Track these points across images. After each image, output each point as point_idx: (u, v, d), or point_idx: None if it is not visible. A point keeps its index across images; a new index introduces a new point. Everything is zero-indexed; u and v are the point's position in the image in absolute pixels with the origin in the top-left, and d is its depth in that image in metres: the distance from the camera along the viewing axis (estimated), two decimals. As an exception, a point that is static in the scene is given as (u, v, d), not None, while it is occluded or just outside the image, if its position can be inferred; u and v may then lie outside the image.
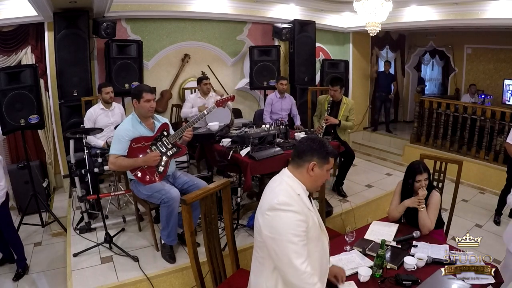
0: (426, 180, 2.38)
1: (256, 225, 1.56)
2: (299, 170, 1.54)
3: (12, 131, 3.65)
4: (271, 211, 1.45)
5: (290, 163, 1.59)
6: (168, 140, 2.74)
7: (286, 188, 1.51)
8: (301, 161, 1.53)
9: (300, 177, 1.54)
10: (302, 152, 1.53)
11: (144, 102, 2.58)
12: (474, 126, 5.29)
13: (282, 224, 1.43)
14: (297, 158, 1.54)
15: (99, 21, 4.30)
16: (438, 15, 5.43)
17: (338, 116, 3.97)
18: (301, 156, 1.53)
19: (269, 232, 1.45)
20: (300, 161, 1.53)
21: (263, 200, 1.56)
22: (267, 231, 1.46)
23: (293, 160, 1.57)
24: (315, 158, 1.52)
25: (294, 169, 1.56)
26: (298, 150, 1.56)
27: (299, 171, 1.54)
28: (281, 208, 1.44)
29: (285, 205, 1.45)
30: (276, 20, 5.77)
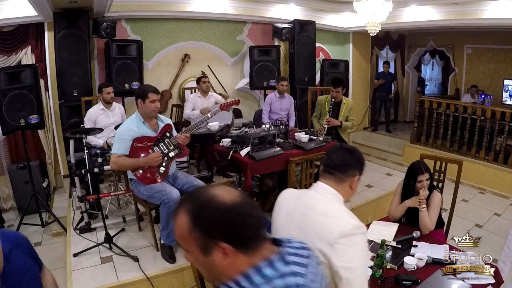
0: (427, 180, 2.38)
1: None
2: (341, 185, 1.41)
3: (12, 131, 3.64)
4: (346, 238, 1.25)
5: (327, 177, 1.42)
6: (171, 141, 2.73)
7: (343, 208, 1.37)
8: (344, 175, 1.41)
9: (341, 192, 1.42)
10: (346, 166, 1.41)
11: (150, 102, 2.57)
12: (474, 126, 5.28)
13: (359, 250, 1.28)
14: (340, 172, 1.41)
15: (99, 21, 4.30)
16: (438, 15, 5.43)
17: (339, 116, 3.98)
18: (344, 170, 1.41)
19: (346, 262, 1.25)
20: (344, 175, 1.41)
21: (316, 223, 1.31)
22: (341, 261, 1.25)
23: (332, 174, 1.41)
24: (357, 171, 1.44)
25: (335, 184, 1.41)
26: (339, 163, 1.42)
27: (342, 186, 1.42)
28: (357, 233, 1.27)
29: (359, 228, 1.29)
30: (276, 20, 5.76)
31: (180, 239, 0.87)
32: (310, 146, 3.30)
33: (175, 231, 0.89)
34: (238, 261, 0.84)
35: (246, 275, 0.83)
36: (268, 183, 3.47)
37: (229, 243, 0.82)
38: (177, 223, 0.86)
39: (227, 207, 0.84)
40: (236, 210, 0.85)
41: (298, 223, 1.35)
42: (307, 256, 0.94)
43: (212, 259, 0.84)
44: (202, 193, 0.89)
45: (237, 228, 0.84)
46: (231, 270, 0.85)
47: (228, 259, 0.84)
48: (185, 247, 0.88)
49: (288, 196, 1.48)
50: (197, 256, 0.86)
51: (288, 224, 1.38)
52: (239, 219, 0.85)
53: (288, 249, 0.92)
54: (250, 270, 0.84)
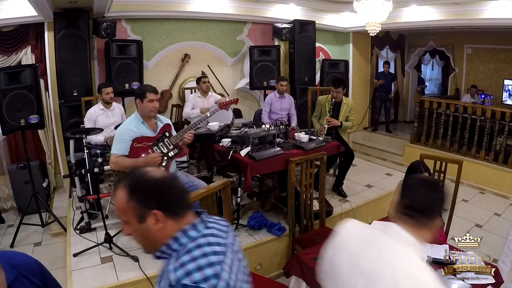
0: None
1: None
2: (422, 230, 1.15)
3: (12, 131, 3.64)
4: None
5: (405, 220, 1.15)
6: (170, 141, 2.73)
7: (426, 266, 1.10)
8: (429, 220, 1.16)
9: (419, 238, 1.14)
10: (434, 210, 1.17)
11: (148, 102, 2.57)
12: (474, 126, 5.28)
13: None
14: (425, 217, 1.15)
15: (99, 21, 4.30)
16: (438, 15, 5.43)
17: (339, 116, 3.98)
18: (431, 214, 1.16)
19: None
20: (429, 220, 1.15)
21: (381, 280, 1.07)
22: None
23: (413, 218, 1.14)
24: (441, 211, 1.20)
25: (415, 230, 1.14)
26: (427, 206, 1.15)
27: (422, 231, 1.15)
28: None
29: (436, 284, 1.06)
30: (276, 20, 5.76)
31: (120, 211, 1.01)
32: (310, 146, 3.30)
33: (116, 206, 1.02)
34: (168, 226, 0.99)
35: (175, 238, 0.99)
36: (268, 183, 3.47)
37: (160, 209, 0.98)
38: (117, 198, 1.01)
39: (157, 180, 1.01)
40: (165, 182, 1.02)
41: (368, 276, 1.11)
42: (226, 225, 1.11)
43: (147, 225, 0.98)
44: (136, 171, 1.05)
45: (166, 197, 1.00)
46: (162, 234, 0.99)
47: (160, 224, 0.98)
48: (124, 218, 1.01)
49: (353, 237, 1.23)
50: (135, 225, 1.00)
51: (352, 273, 1.16)
52: (168, 189, 1.02)
53: (209, 219, 1.09)
54: (178, 233, 0.99)
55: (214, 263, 0.94)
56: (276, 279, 2.79)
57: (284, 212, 3.35)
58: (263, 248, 3.05)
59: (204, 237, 1.00)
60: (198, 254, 0.94)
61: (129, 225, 1.01)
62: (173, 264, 0.94)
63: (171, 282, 0.90)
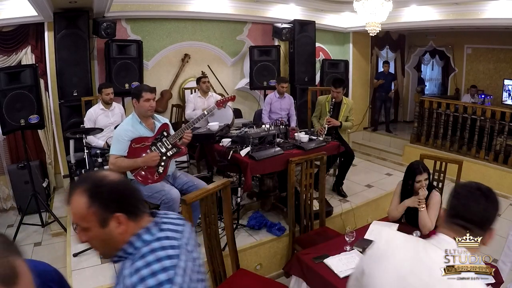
0: (426, 180, 2.39)
1: None
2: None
3: (12, 131, 3.64)
4: None
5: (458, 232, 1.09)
6: (168, 141, 2.74)
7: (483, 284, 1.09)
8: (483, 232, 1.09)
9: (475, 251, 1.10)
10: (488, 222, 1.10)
11: (144, 101, 2.58)
12: (474, 126, 5.28)
13: None
14: (479, 228, 1.08)
15: (99, 21, 4.30)
16: (438, 15, 5.43)
17: (339, 116, 3.98)
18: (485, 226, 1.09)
19: None
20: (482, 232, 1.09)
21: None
22: None
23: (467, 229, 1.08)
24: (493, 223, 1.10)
25: None
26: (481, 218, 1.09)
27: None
28: None
29: None
30: (276, 20, 5.76)
31: (79, 219, 0.98)
32: (310, 146, 3.30)
33: (72, 214, 0.99)
34: (129, 228, 1.00)
35: (130, 242, 1.00)
36: (268, 183, 3.47)
37: (122, 212, 0.99)
38: (75, 205, 0.98)
39: (117, 182, 1.02)
40: (124, 185, 1.04)
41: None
42: (182, 224, 1.13)
43: (109, 229, 0.98)
44: (92, 175, 1.04)
45: (128, 199, 1.02)
46: (124, 238, 1.00)
47: (122, 227, 0.99)
48: (84, 225, 0.98)
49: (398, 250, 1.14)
50: (96, 230, 0.98)
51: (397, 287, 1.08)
52: (128, 191, 1.04)
53: (163, 219, 1.10)
54: (133, 237, 1.00)
55: (168, 267, 0.94)
56: (276, 279, 2.78)
57: (284, 212, 3.36)
58: (263, 248, 3.05)
59: (158, 241, 1.01)
60: (152, 259, 0.95)
61: (89, 231, 0.99)
62: (129, 269, 0.96)
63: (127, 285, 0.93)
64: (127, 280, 0.93)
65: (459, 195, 1.12)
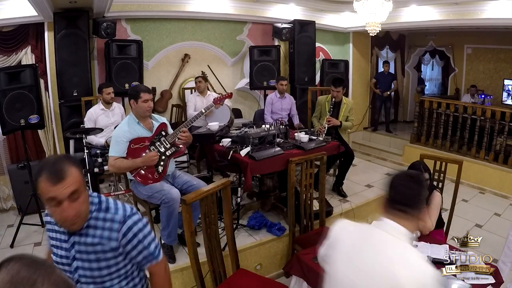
0: (427, 181, 2.39)
1: None
2: (410, 220, 1.25)
3: (12, 131, 3.64)
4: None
5: (394, 214, 1.26)
6: (167, 140, 2.73)
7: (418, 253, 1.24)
8: (416, 211, 1.26)
9: (410, 227, 1.26)
10: (418, 201, 1.27)
11: (142, 102, 2.57)
12: (474, 126, 5.29)
13: None
14: (411, 208, 1.25)
15: (99, 21, 4.30)
16: (438, 15, 5.43)
17: (339, 116, 3.98)
18: (417, 205, 1.26)
19: None
20: (415, 211, 1.26)
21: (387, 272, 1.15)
22: None
23: (401, 211, 1.25)
24: (425, 202, 1.31)
25: (405, 221, 1.24)
26: (411, 198, 1.25)
27: (410, 221, 1.26)
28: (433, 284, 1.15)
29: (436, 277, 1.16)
30: (276, 20, 5.76)
31: (80, 185, 1.19)
32: (310, 146, 3.30)
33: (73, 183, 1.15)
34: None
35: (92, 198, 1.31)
36: (268, 183, 3.47)
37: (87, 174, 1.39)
38: (74, 175, 1.16)
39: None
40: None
41: (363, 268, 1.21)
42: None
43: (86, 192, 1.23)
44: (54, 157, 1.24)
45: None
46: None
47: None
48: (81, 189, 1.19)
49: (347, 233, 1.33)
50: (85, 193, 1.22)
51: (348, 267, 1.25)
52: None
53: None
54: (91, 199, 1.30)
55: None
56: (276, 279, 2.78)
57: (284, 212, 3.36)
58: (263, 248, 3.05)
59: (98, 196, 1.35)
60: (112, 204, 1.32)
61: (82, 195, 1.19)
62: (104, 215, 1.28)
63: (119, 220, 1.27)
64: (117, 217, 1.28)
65: (394, 185, 1.29)
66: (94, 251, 1.27)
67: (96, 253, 1.27)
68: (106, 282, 1.31)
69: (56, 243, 1.33)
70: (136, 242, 1.31)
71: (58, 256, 1.32)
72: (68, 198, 1.15)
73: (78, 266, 1.29)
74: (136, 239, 1.30)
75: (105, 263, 1.29)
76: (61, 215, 1.17)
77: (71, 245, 1.29)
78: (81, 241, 1.27)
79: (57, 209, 1.16)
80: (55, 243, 1.33)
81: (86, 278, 1.30)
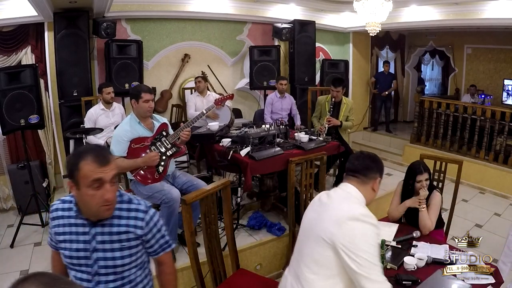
0: (427, 181, 2.38)
1: (323, 236, 1.48)
2: (364, 186, 1.61)
3: (12, 131, 3.64)
4: (353, 221, 1.45)
5: (351, 179, 1.63)
6: (168, 140, 2.73)
7: (359, 202, 1.58)
8: (366, 178, 1.61)
9: (364, 193, 1.61)
10: (368, 170, 1.61)
11: (143, 102, 2.57)
12: (474, 126, 5.28)
13: (363, 235, 1.43)
14: (362, 175, 1.61)
15: (99, 21, 4.30)
16: (438, 15, 5.43)
17: (339, 116, 3.98)
18: (366, 173, 1.61)
19: (349, 242, 1.42)
20: (366, 178, 1.61)
21: (332, 209, 1.55)
22: (346, 241, 1.42)
23: (356, 177, 1.62)
24: (378, 174, 1.63)
25: (359, 185, 1.61)
26: (362, 167, 1.62)
27: (364, 187, 1.61)
28: (364, 220, 1.46)
29: (367, 216, 1.48)
30: (276, 20, 5.76)
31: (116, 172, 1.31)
32: (310, 146, 3.30)
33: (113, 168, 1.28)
34: None
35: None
36: (268, 183, 3.47)
37: None
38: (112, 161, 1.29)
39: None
40: None
41: (317, 209, 1.63)
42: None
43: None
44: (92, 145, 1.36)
45: None
46: None
47: None
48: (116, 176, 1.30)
49: (321, 194, 1.72)
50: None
51: (312, 212, 1.66)
52: None
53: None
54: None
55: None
56: (276, 279, 2.78)
57: (284, 212, 3.36)
58: (263, 248, 3.05)
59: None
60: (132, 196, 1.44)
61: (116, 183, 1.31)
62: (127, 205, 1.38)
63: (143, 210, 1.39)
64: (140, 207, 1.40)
65: (351, 160, 1.68)
66: (119, 239, 1.34)
67: (121, 242, 1.34)
68: (125, 271, 1.37)
69: (71, 237, 1.34)
70: (156, 230, 1.44)
71: (74, 250, 1.34)
72: (110, 181, 1.25)
73: (99, 257, 1.33)
74: (155, 228, 1.43)
75: (128, 251, 1.36)
76: (102, 197, 1.24)
77: (92, 236, 1.32)
78: (104, 231, 1.33)
79: (98, 192, 1.24)
80: (68, 237, 1.34)
81: (106, 269, 1.34)
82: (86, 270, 1.34)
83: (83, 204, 1.30)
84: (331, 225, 1.48)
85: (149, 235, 1.41)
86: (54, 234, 1.39)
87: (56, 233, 1.37)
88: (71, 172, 1.24)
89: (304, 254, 1.58)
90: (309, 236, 1.59)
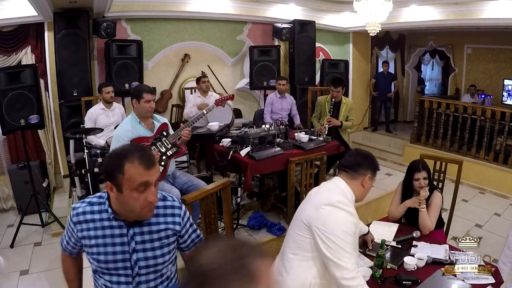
0: (425, 180, 2.37)
1: (303, 218, 1.63)
2: (353, 181, 1.70)
3: (12, 131, 3.64)
4: (329, 206, 1.57)
5: (341, 174, 1.74)
6: (168, 140, 2.73)
7: (343, 193, 1.67)
8: (356, 174, 1.70)
9: (353, 188, 1.70)
10: (358, 166, 1.70)
11: (144, 102, 2.57)
12: (474, 126, 5.28)
13: (337, 220, 1.54)
14: (352, 171, 1.70)
15: (99, 21, 4.30)
16: (438, 15, 5.43)
17: (339, 116, 3.98)
18: (356, 169, 1.70)
19: (322, 225, 1.53)
20: (356, 174, 1.70)
21: (316, 196, 1.70)
22: (320, 224, 1.54)
23: (346, 172, 1.72)
24: (369, 171, 1.71)
25: (348, 180, 1.71)
26: (352, 163, 1.72)
27: (354, 182, 1.70)
28: (339, 206, 1.57)
29: (343, 204, 1.58)
30: (276, 20, 5.76)
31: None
32: (310, 146, 3.30)
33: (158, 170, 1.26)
34: None
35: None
36: (268, 183, 3.47)
37: None
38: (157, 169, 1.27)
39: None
40: None
41: (307, 199, 1.77)
42: None
43: None
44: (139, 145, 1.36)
45: None
46: None
47: None
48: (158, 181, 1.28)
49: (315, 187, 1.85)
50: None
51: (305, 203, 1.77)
52: None
53: None
54: None
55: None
56: (276, 279, 2.78)
57: (284, 212, 3.36)
58: (263, 248, 3.04)
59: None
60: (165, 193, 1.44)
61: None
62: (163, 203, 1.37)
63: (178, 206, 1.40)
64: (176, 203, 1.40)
65: (345, 156, 1.80)
66: (159, 237, 1.32)
67: (161, 240, 1.33)
68: (163, 268, 1.37)
69: (105, 240, 1.28)
70: (189, 225, 1.43)
71: (110, 254, 1.29)
72: (155, 183, 1.24)
73: (139, 258, 1.29)
74: (189, 223, 1.43)
75: (167, 248, 1.35)
76: (147, 200, 1.21)
77: (130, 238, 1.28)
78: (143, 230, 1.30)
79: (142, 195, 1.20)
80: (102, 241, 1.29)
81: (147, 269, 1.32)
82: (124, 273, 1.30)
83: (123, 207, 1.23)
84: (311, 210, 1.62)
85: (183, 230, 1.40)
86: (80, 239, 1.32)
87: (85, 237, 1.31)
88: (111, 174, 1.16)
89: (289, 236, 1.73)
90: (294, 220, 1.73)
